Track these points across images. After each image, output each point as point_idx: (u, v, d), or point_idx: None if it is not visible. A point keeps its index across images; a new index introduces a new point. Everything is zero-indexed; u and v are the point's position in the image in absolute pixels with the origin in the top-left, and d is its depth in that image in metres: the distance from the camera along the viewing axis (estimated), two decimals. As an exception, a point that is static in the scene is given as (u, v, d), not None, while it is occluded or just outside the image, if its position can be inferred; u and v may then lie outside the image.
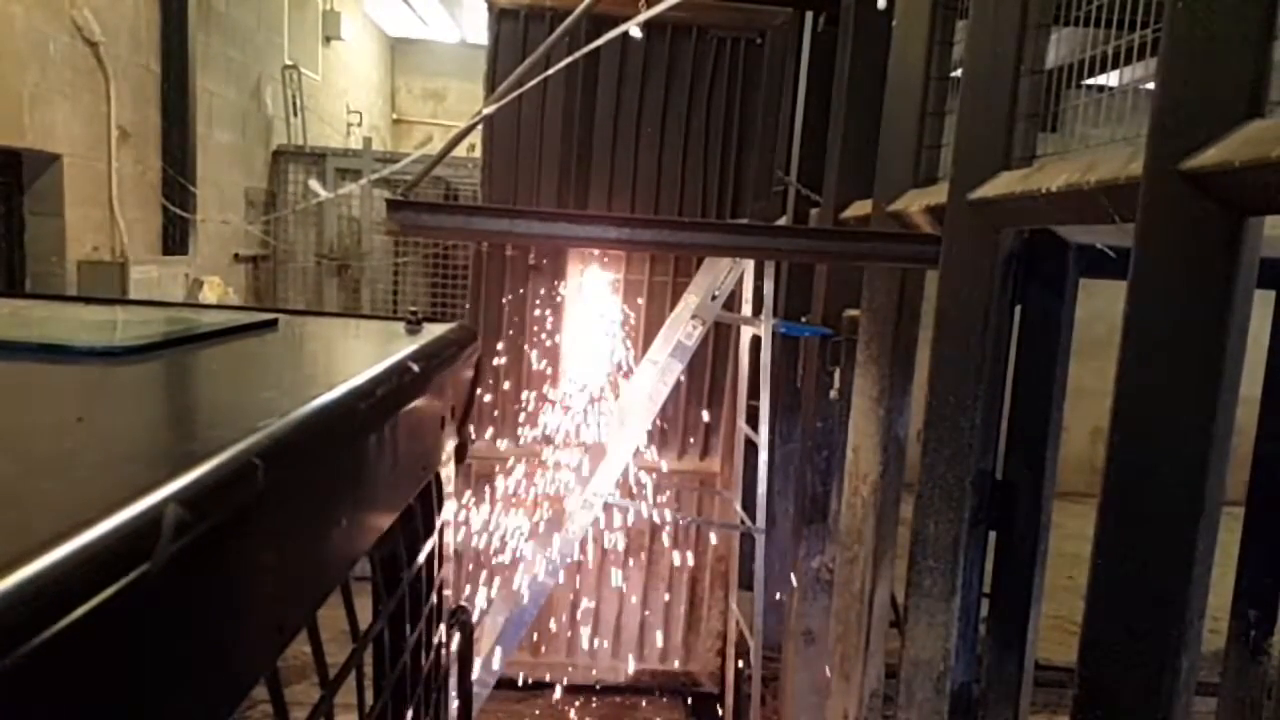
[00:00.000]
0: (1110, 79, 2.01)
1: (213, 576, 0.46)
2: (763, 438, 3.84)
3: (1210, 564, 1.37)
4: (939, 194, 2.46)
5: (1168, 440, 1.36)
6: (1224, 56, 1.23)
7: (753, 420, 3.98)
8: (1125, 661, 1.42)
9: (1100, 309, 3.43)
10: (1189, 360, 1.32)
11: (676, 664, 4.63)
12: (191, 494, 0.44)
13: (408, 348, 0.93)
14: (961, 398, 2.22)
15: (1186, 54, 1.29)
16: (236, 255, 6.67)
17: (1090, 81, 2.10)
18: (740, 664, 4.33)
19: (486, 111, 2.86)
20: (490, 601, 3.66)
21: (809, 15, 4.34)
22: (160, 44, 5.46)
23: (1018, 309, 2.28)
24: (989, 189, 2.08)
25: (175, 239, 5.67)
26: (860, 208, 3.39)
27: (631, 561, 4.54)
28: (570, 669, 4.49)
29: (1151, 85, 1.37)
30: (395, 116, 11.35)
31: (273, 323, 1.13)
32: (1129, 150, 1.59)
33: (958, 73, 2.47)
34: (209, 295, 5.57)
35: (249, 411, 0.60)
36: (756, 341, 3.92)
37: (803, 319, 4.02)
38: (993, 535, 2.39)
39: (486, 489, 4.41)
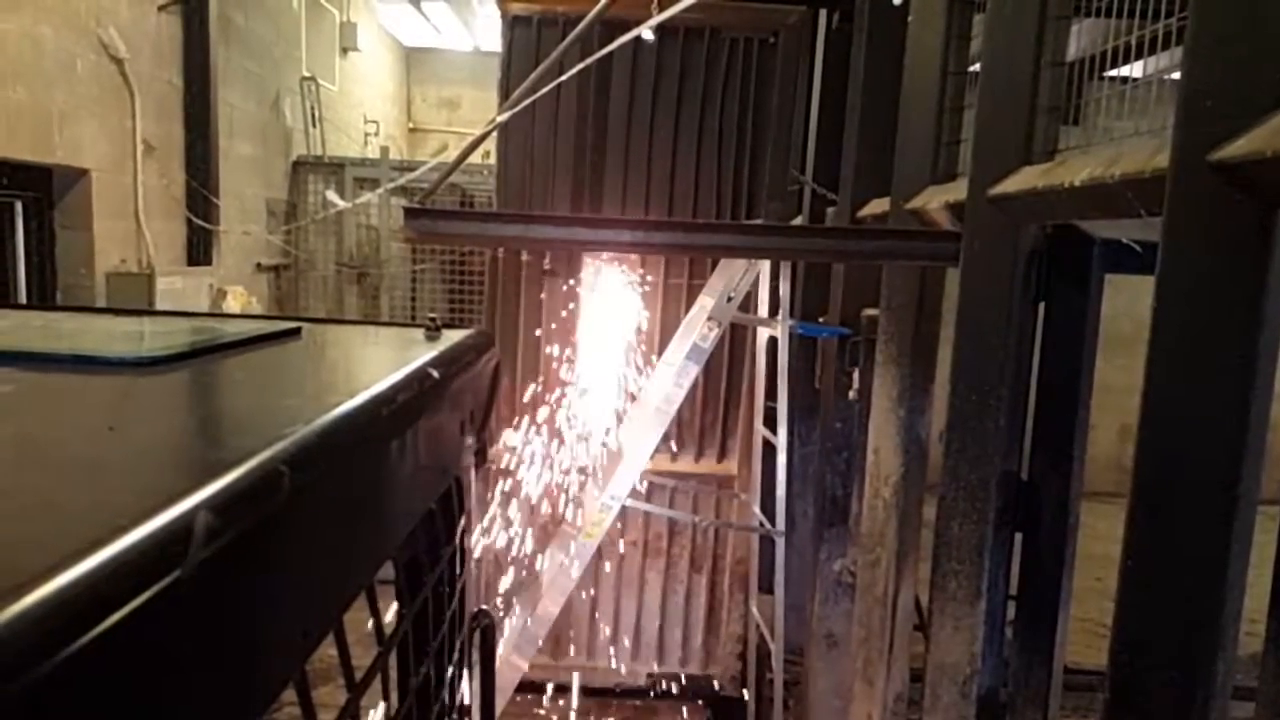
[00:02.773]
0: (1134, 70, 1.99)
1: (242, 582, 0.46)
2: (781, 439, 3.82)
3: (1246, 564, 1.34)
4: (958, 190, 2.43)
5: (1199, 438, 1.33)
6: (1253, 43, 1.20)
7: (770, 422, 3.96)
8: (1158, 665, 1.39)
9: (1126, 305, 3.38)
10: (1220, 356, 1.29)
11: (696, 667, 4.62)
12: (221, 501, 0.44)
13: (427, 354, 0.94)
14: (985, 397, 2.20)
15: (1214, 41, 1.26)
16: (259, 265, 6.76)
17: (1113, 73, 2.07)
18: (761, 668, 4.31)
19: (501, 119, 2.87)
20: (511, 604, 3.67)
21: (823, 13, 4.32)
22: (182, 59, 5.55)
23: (1041, 306, 2.25)
24: (1010, 184, 2.06)
25: (199, 250, 5.76)
26: (878, 206, 3.37)
27: (650, 564, 4.54)
28: (590, 672, 4.49)
29: (1177, 75, 1.35)
30: (411, 125, 11.44)
31: (295, 331, 1.14)
32: (1154, 142, 1.57)
33: (975, 67, 2.45)
34: (233, 304, 5.64)
35: (274, 419, 0.60)
36: (773, 343, 3.90)
37: (820, 319, 4.00)
38: (1019, 537, 2.36)
39: (504, 493, 4.43)
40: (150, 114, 5.18)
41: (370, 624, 0.78)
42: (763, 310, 4.01)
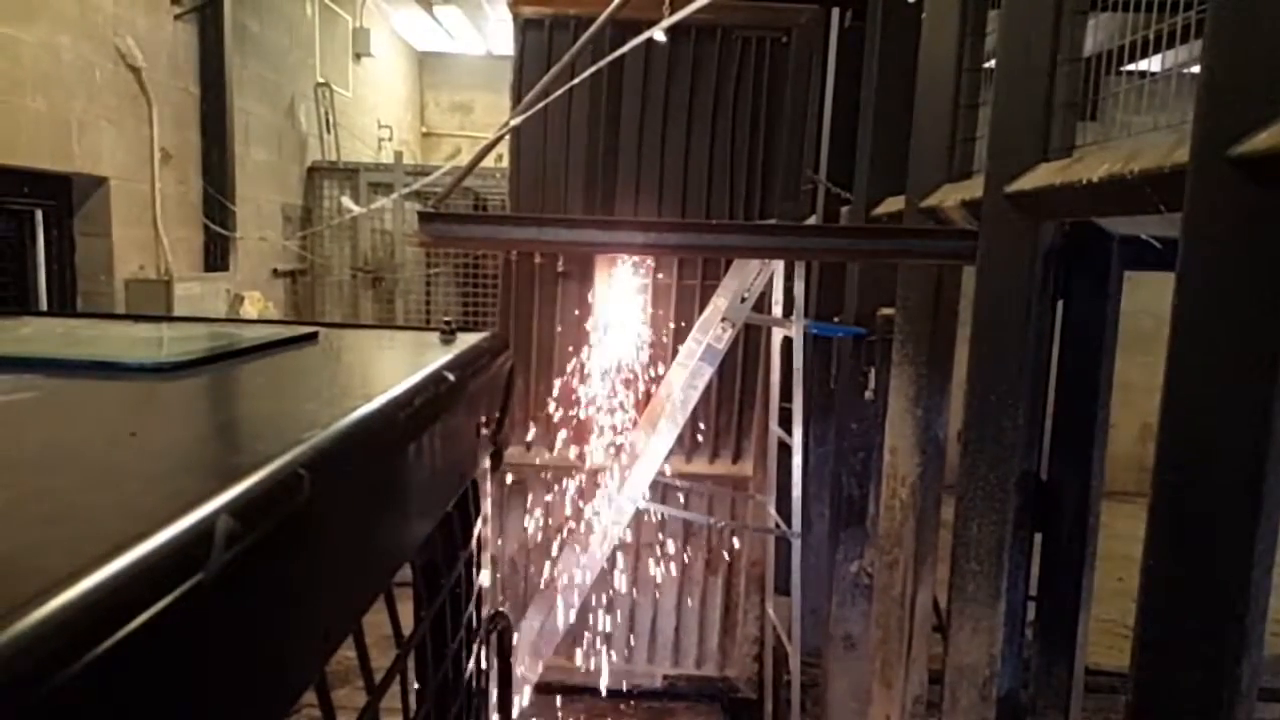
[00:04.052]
0: (1152, 64, 1.96)
1: (263, 585, 0.47)
2: (796, 440, 3.81)
3: (1270, 564, 1.32)
4: (974, 188, 2.42)
5: (1222, 436, 1.31)
6: (1275, 35, 1.19)
7: (785, 423, 3.95)
8: (1182, 666, 1.38)
9: (1147, 302, 3.35)
10: (1243, 353, 1.28)
11: (713, 669, 4.60)
12: (241, 505, 0.44)
13: (443, 357, 0.94)
14: (1003, 396, 2.18)
15: (1234, 33, 1.25)
16: (275, 270, 6.81)
17: (1131, 67, 2.05)
18: (778, 670, 4.29)
19: (514, 122, 2.88)
20: (526, 607, 3.68)
21: (835, 11, 4.30)
22: (198, 67, 5.61)
23: (1060, 304, 2.23)
24: (1027, 181, 2.04)
25: (216, 256, 5.81)
26: (893, 204, 3.35)
27: (665, 566, 4.53)
28: (606, 674, 4.48)
29: (1196, 69, 1.33)
30: (424, 130, 11.50)
31: (312, 336, 1.15)
32: (1174, 137, 1.55)
33: (991, 63, 2.44)
34: (250, 310, 5.68)
35: (293, 423, 0.61)
36: (788, 343, 3.89)
37: (835, 319, 3.98)
38: (1038, 537, 2.34)
39: (520, 496, 4.44)
40: (167, 122, 5.24)
41: (389, 626, 0.78)
42: (777, 311, 3.99)
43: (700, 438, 4.45)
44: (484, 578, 1.10)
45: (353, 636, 0.64)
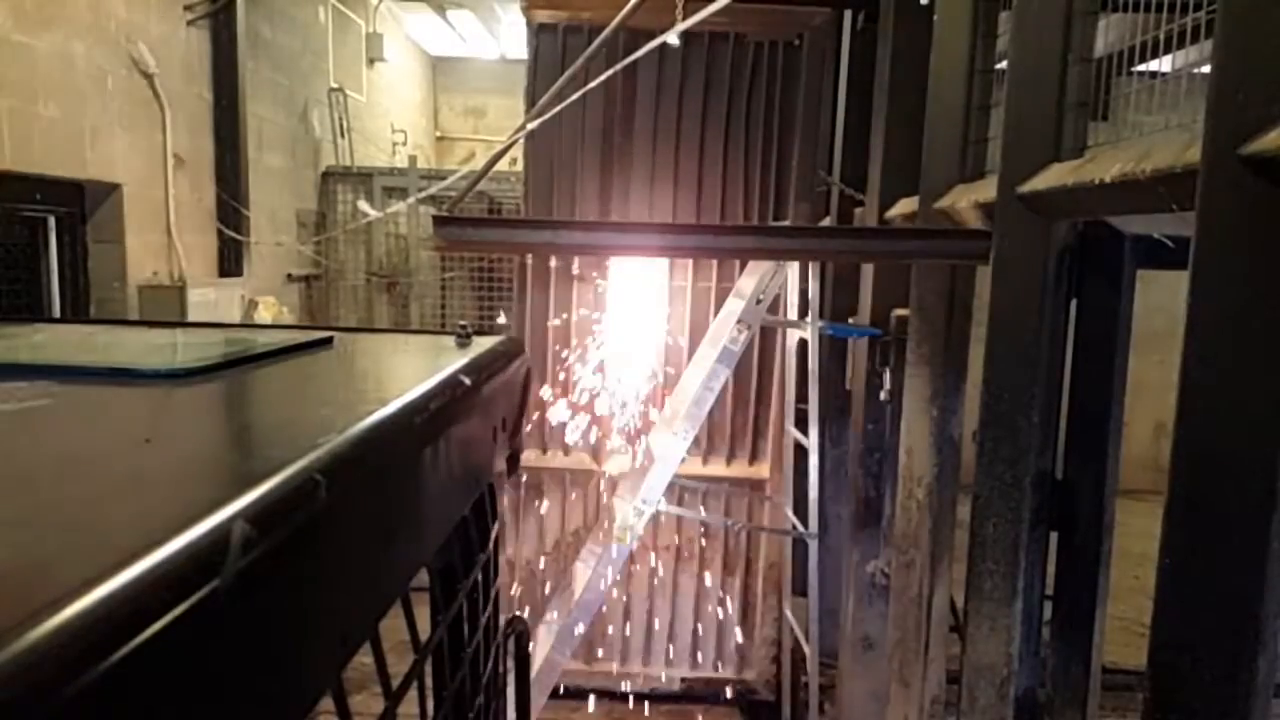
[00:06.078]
0: (1163, 64, 1.95)
1: (279, 590, 0.47)
2: (812, 441, 3.80)
3: (1289, 562, 1.31)
4: (987, 188, 2.41)
5: (1236, 434, 1.30)
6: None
7: (801, 424, 3.94)
8: (1198, 663, 1.37)
9: (1160, 301, 3.32)
10: (1256, 351, 1.26)
11: (731, 671, 4.60)
12: (257, 511, 0.45)
13: (458, 361, 0.95)
14: (1018, 396, 2.17)
15: (1245, 30, 1.24)
16: (289, 275, 6.85)
17: (1142, 67, 2.04)
18: (796, 671, 4.27)
19: (530, 126, 2.89)
20: (544, 610, 3.69)
21: (847, 14, 4.29)
22: (211, 73, 5.65)
23: (1073, 303, 2.22)
24: (1039, 181, 2.03)
25: (230, 261, 5.85)
26: (906, 205, 3.34)
27: (683, 568, 4.53)
28: (624, 677, 4.49)
29: (1207, 68, 1.32)
30: (438, 134, 11.55)
31: (328, 341, 1.16)
32: (1185, 136, 1.54)
33: (1002, 65, 2.42)
34: (264, 315, 5.73)
35: (308, 429, 0.61)
36: (803, 344, 3.88)
37: (849, 320, 3.97)
38: (1054, 536, 2.32)
39: (536, 499, 4.45)
40: (181, 128, 5.28)
41: (406, 631, 0.79)
42: (792, 312, 3.99)
43: (716, 440, 4.44)
44: (501, 581, 1.11)
45: (370, 642, 0.64)
